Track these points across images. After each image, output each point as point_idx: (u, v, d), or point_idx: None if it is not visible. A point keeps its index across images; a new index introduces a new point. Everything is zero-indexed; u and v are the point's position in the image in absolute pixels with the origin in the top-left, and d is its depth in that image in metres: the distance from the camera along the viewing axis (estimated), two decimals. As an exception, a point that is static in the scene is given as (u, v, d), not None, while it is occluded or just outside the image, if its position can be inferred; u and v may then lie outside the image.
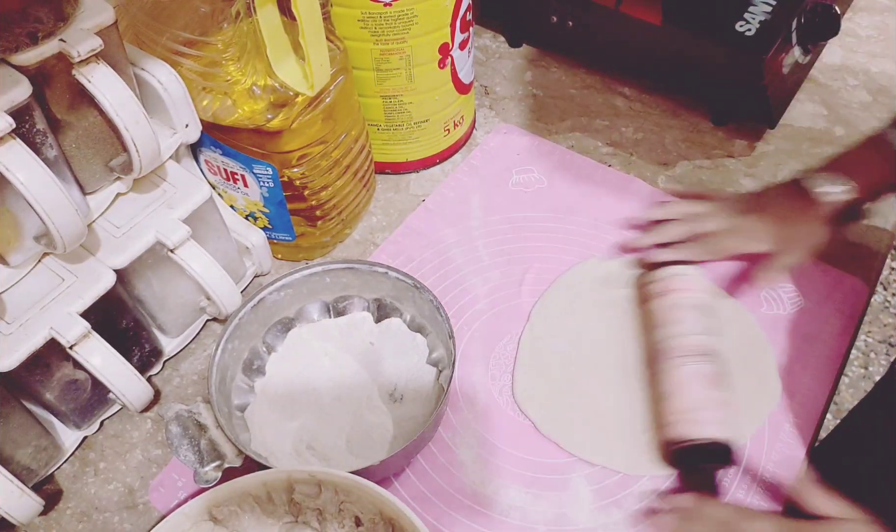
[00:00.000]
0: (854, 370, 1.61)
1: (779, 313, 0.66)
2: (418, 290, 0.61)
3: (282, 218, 0.69)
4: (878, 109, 0.85)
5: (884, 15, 0.97)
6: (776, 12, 0.78)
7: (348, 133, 0.68)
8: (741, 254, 0.67)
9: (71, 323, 0.53)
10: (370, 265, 0.63)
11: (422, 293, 0.61)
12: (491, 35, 0.97)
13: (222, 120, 0.62)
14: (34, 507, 0.52)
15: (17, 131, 0.46)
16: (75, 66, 0.49)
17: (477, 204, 0.77)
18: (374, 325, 0.65)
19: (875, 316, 1.69)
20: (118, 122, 0.51)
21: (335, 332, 0.64)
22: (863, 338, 1.66)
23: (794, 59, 0.81)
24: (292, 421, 0.59)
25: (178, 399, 0.64)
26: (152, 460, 0.60)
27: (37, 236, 0.53)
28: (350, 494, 0.48)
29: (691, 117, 0.85)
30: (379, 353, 0.63)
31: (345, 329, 0.64)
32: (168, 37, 0.60)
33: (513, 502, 0.56)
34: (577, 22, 0.87)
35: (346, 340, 0.64)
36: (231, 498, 0.49)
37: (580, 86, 0.90)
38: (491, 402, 0.62)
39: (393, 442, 0.58)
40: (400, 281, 0.62)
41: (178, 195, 0.60)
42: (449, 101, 0.76)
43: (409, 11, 0.66)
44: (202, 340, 0.68)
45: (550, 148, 0.82)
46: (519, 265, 0.71)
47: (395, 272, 0.62)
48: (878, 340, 1.65)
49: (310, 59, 0.58)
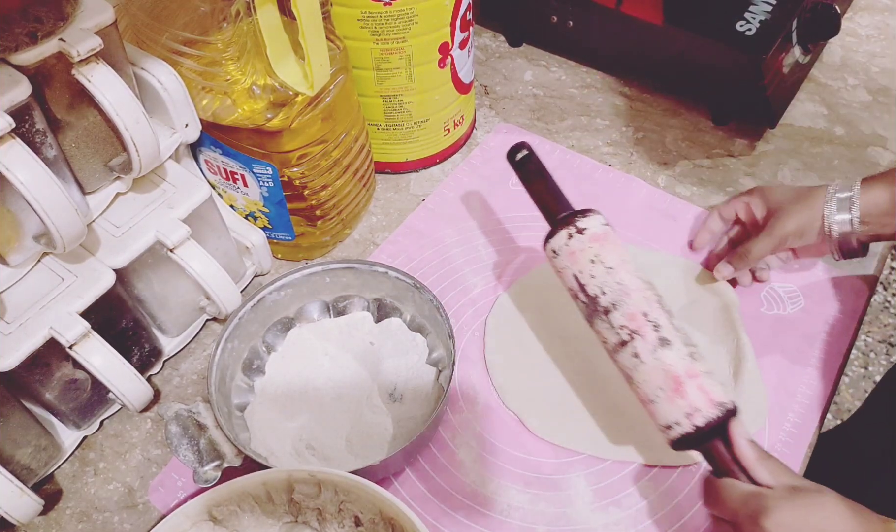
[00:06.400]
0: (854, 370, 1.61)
1: (779, 313, 0.66)
2: (418, 289, 0.61)
3: (282, 218, 0.69)
4: (878, 109, 0.85)
5: (884, 15, 0.97)
6: (776, 12, 0.78)
7: (348, 133, 0.68)
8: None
9: (71, 323, 0.53)
10: (370, 265, 0.63)
11: (422, 293, 0.61)
12: (491, 35, 0.97)
13: (222, 119, 0.62)
14: (34, 506, 0.52)
15: (17, 131, 0.46)
16: (75, 65, 0.49)
17: (477, 204, 0.76)
18: (373, 325, 0.65)
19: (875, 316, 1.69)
20: (118, 121, 0.51)
21: (335, 331, 0.64)
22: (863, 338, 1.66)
23: (794, 59, 0.81)
24: (292, 421, 0.59)
25: (177, 399, 0.64)
26: (152, 460, 0.60)
27: (36, 236, 0.53)
28: (350, 494, 0.48)
29: (691, 117, 0.85)
30: (379, 353, 0.63)
31: (345, 329, 0.64)
32: (168, 36, 0.60)
33: (513, 502, 0.56)
34: (578, 22, 0.86)
35: (345, 340, 0.64)
36: (231, 498, 0.49)
37: (580, 86, 0.90)
38: (491, 402, 0.62)
39: (393, 442, 0.58)
40: (400, 281, 0.62)
41: (177, 195, 0.60)
42: (449, 101, 0.76)
43: (409, 11, 0.66)
44: (202, 340, 0.68)
45: (550, 148, 0.82)
46: (519, 265, 0.71)
47: (395, 272, 0.62)
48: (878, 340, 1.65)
49: (310, 58, 0.58)
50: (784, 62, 0.79)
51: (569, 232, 0.55)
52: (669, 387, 0.50)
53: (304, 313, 0.65)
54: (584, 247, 0.54)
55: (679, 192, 0.77)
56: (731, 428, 0.48)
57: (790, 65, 0.80)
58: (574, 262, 0.55)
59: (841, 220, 0.59)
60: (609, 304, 0.53)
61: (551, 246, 0.57)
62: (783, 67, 0.79)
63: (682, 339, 0.51)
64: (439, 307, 0.60)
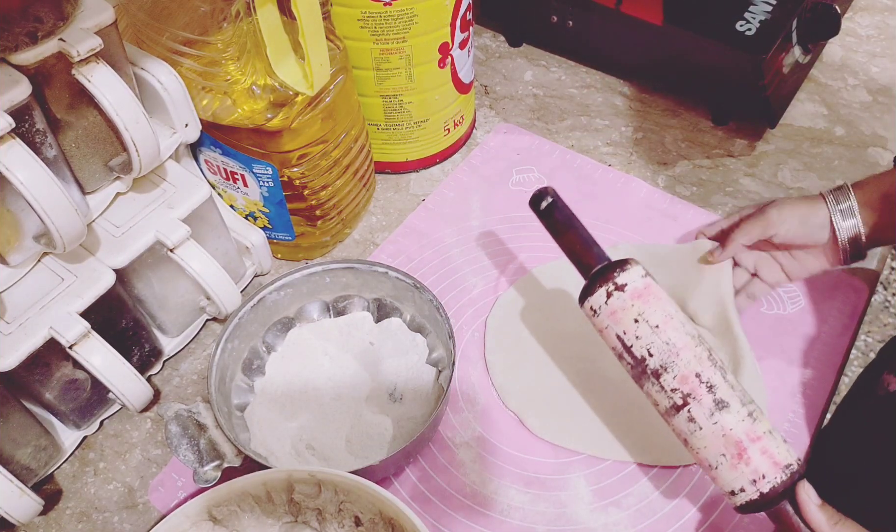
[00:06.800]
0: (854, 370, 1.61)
1: (779, 313, 0.66)
2: (418, 290, 0.61)
3: (282, 218, 0.69)
4: (878, 109, 0.85)
5: (884, 15, 0.97)
6: (776, 12, 0.78)
7: (348, 133, 0.68)
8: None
9: (71, 323, 0.53)
10: (370, 265, 0.63)
11: (422, 293, 0.61)
12: (491, 35, 0.97)
13: (222, 119, 0.62)
14: (34, 506, 0.52)
15: (17, 131, 0.46)
16: (75, 65, 0.49)
17: (477, 204, 0.77)
18: (373, 325, 0.65)
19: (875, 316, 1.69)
20: (118, 121, 0.51)
21: (335, 331, 0.64)
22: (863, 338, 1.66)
23: (794, 59, 0.81)
24: (292, 421, 0.59)
25: (177, 399, 0.64)
26: (152, 460, 0.60)
27: (36, 236, 0.53)
28: (350, 494, 0.48)
29: (691, 117, 0.85)
30: (379, 353, 0.63)
31: (345, 329, 0.64)
32: (168, 36, 0.60)
33: (513, 502, 0.56)
34: (578, 22, 0.87)
35: (345, 340, 0.64)
36: (231, 498, 0.49)
37: (580, 86, 0.90)
38: (491, 402, 0.62)
39: (392, 442, 0.58)
40: (400, 281, 0.62)
41: (177, 195, 0.60)
42: (449, 101, 0.76)
43: (409, 11, 0.66)
44: (202, 340, 0.68)
45: (550, 148, 0.82)
46: (519, 265, 0.71)
47: (395, 272, 0.62)
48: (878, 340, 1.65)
49: (309, 58, 0.58)
50: (784, 62, 0.79)
51: (607, 290, 0.52)
52: (731, 453, 0.48)
53: (304, 313, 0.65)
54: (625, 305, 0.51)
55: (679, 192, 0.77)
56: (799, 493, 0.47)
57: (790, 65, 0.80)
58: (616, 323, 0.51)
59: (848, 225, 0.58)
60: (658, 366, 0.50)
61: (589, 304, 0.53)
62: (783, 67, 0.79)
63: (739, 399, 0.49)
64: (439, 307, 0.60)
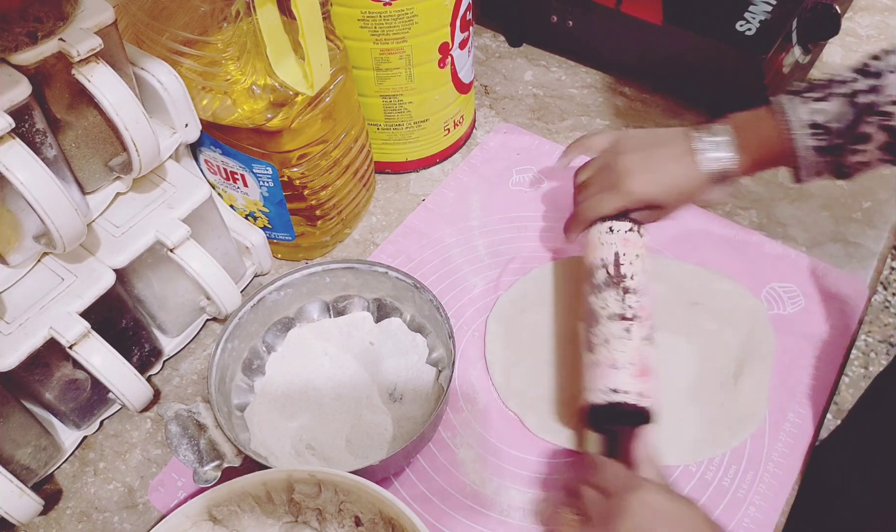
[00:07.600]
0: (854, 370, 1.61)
1: (779, 313, 0.66)
2: (418, 289, 0.61)
3: (282, 218, 0.69)
4: (878, 109, 0.85)
5: (884, 15, 0.97)
6: (776, 12, 0.78)
7: (348, 133, 0.68)
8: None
9: (71, 322, 0.53)
10: (370, 265, 0.63)
11: (422, 293, 0.61)
12: (491, 35, 0.97)
13: (222, 119, 0.62)
14: (34, 506, 0.52)
15: (17, 131, 0.46)
16: (75, 65, 0.49)
17: (477, 203, 0.76)
18: (373, 325, 0.65)
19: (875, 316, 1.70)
20: (118, 121, 0.51)
21: (335, 331, 0.64)
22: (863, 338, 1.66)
23: (794, 59, 0.81)
24: (292, 421, 0.59)
25: (177, 399, 0.64)
26: (152, 460, 0.60)
27: (36, 236, 0.53)
28: (350, 494, 0.48)
29: (691, 117, 0.85)
30: (379, 353, 0.63)
31: (345, 329, 0.64)
32: (168, 36, 0.60)
33: (513, 502, 0.56)
34: (578, 22, 0.86)
35: (345, 340, 0.64)
36: (231, 498, 0.49)
37: (580, 86, 0.90)
38: (491, 402, 0.62)
39: (393, 442, 0.58)
40: (400, 281, 0.62)
41: (177, 195, 0.60)
42: (449, 101, 0.76)
43: (409, 11, 0.66)
44: (202, 340, 0.68)
45: (550, 148, 0.82)
46: (519, 265, 0.71)
47: (395, 272, 0.62)
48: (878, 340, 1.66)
49: (309, 58, 0.58)
50: (784, 62, 0.79)
51: (633, 226, 0.59)
52: (637, 368, 0.54)
53: (304, 313, 0.65)
54: (637, 243, 0.59)
55: (679, 192, 0.77)
56: (642, 432, 0.52)
57: (790, 65, 0.80)
58: (623, 245, 0.58)
59: (713, 152, 0.58)
60: (631, 287, 0.57)
61: (610, 224, 0.59)
62: (783, 67, 0.79)
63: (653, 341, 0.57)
64: (439, 307, 0.60)
